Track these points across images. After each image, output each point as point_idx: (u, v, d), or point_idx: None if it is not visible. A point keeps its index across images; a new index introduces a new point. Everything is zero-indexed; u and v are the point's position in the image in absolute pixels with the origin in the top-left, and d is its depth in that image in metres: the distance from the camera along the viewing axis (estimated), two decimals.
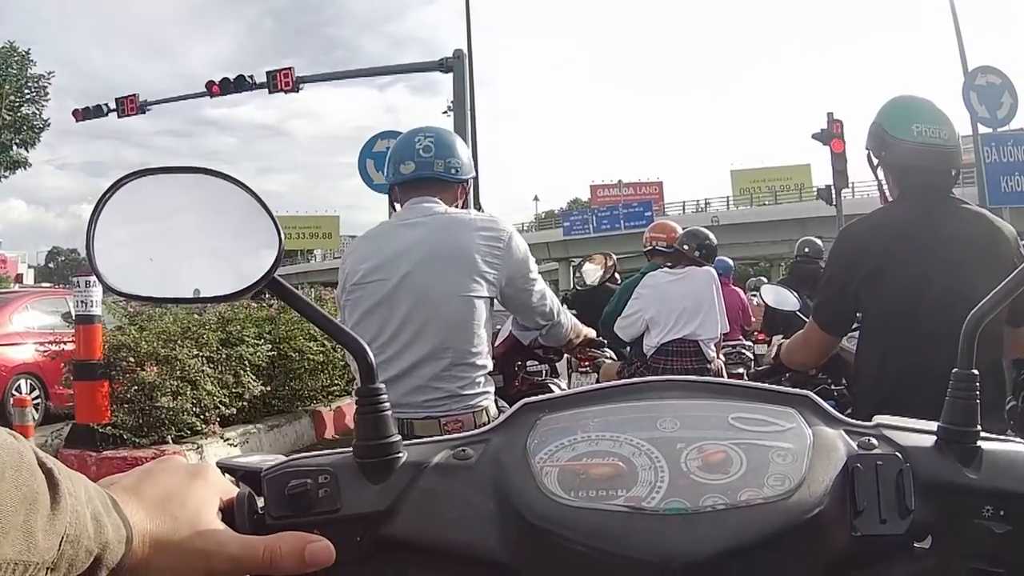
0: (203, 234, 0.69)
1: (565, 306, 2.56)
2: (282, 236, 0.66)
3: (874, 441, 0.62)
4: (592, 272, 5.73)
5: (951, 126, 2.12)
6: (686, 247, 4.49)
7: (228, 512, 0.62)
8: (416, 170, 2.18)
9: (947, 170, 2.11)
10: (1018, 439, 0.64)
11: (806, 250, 5.76)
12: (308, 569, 0.59)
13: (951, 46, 12.72)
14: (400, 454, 0.64)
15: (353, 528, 0.61)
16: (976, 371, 0.63)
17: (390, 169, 2.25)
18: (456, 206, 2.26)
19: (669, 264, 4.59)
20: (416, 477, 0.63)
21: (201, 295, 0.67)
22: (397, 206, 2.30)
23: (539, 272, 2.30)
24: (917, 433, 0.64)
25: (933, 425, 0.64)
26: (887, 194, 2.23)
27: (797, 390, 0.66)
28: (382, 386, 0.66)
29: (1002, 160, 9.87)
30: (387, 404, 0.66)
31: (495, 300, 2.16)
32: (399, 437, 0.65)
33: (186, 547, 0.57)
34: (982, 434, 0.62)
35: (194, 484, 0.61)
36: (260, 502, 0.64)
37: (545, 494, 0.58)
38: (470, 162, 2.28)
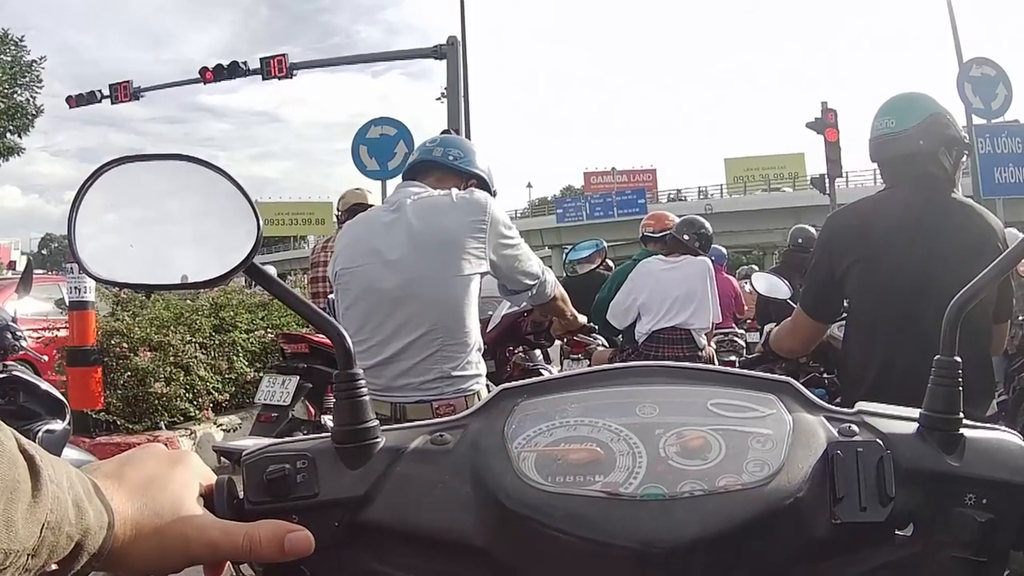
0: (184, 220, 0.70)
1: None
2: (261, 222, 0.67)
3: (855, 428, 0.62)
4: (587, 267, 5.72)
5: (909, 112, 2.11)
6: (685, 236, 4.47)
7: (208, 497, 0.62)
8: (417, 158, 2.35)
9: (906, 155, 2.12)
10: (1002, 428, 0.64)
11: (799, 240, 5.75)
12: (287, 558, 0.59)
13: (948, 36, 12.70)
14: (378, 439, 0.64)
15: (331, 513, 0.61)
16: (959, 358, 0.63)
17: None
18: None
19: (664, 252, 4.57)
20: (394, 462, 0.63)
21: (186, 281, 0.67)
22: None
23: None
24: (899, 420, 0.64)
25: (915, 412, 0.64)
26: None
27: (777, 376, 0.66)
28: (359, 371, 0.66)
29: (996, 151, 9.84)
30: (364, 389, 0.66)
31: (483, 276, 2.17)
32: (377, 422, 0.65)
33: (167, 532, 0.58)
34: (964, 422, 0.62)
35: (175, 469, 0.61)
36: (241, 487, 0.64)
37: (522, 479, 0.58)
38: (484, 164, 2.35)
